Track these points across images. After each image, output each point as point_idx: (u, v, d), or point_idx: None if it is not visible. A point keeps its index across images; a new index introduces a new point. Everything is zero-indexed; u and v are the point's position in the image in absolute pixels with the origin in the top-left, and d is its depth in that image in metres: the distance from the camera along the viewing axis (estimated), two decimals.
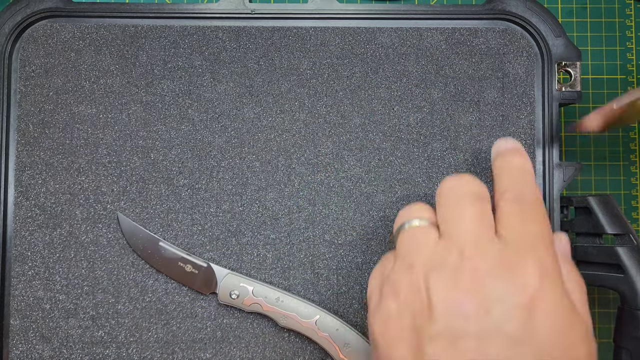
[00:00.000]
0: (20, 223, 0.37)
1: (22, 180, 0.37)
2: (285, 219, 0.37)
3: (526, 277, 0.26)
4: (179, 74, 0.38)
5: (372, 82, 0.38)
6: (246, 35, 0.38)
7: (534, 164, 0.37)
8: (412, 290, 0.27)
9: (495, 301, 0.25)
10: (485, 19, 0.38)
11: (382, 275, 0.30)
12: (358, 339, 0.36)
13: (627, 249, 0.34)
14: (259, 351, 0.37)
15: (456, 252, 0.27)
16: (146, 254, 0.37)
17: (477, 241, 0.27)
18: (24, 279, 0.37)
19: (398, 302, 0.27)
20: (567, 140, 0.43)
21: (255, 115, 0.38)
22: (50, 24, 0.38)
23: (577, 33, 0.44)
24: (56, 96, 0.38)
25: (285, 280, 0.37)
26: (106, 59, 0.38)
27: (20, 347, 0.37)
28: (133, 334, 0.37)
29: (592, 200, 0.35)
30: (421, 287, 0.27)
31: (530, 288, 0.25)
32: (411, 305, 0.27)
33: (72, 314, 0.37)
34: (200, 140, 0.38)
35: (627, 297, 0.33)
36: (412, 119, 0.38)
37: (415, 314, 0.26)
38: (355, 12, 0.38)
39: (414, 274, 0.27)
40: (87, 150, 0.38)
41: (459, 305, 0.25)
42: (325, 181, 0.38)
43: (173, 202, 0.37)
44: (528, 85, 0.38)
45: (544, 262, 0.26)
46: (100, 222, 0.37)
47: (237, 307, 0.36)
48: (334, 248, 0.37)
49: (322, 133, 0.38)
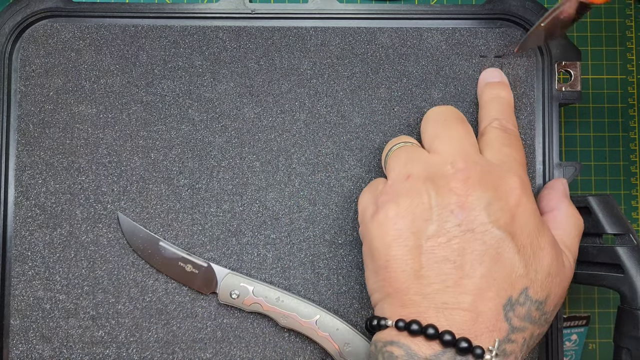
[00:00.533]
0: (20, 223, 0.37)
1: (22, 180, 0.37)
2: (285, 219, 0.37)
3: (509, 188, 0.30)
4: (179, 74, 0.38)
5: (373, 82, 0.38)
6: (246, 35, 0.38)
7: (534, 164, 0.37)
8: (411, 195, 0.30)
9: (484, 206, 0.29)
10: (485, 19, 0.38)
11: (376, 191, 0.32)
12: (358, 338, 0.36)
13: (627, 248, 0.34)
14: (259, 351, 0.37)
15: (449, 164, 0.30)
16: (146, 253, 0.37)
17: (466, 155, 0.31)
18: (24, 279, 0.37)
19: (398, 207, 0.30)
20: (567, 140, 0.43)
21: (256, 115, 0.38)
22: (50, 24, 0.38)
23: (577, 33, 0.44)
24: (56, 96, 0.38)
25: (285, 280, 0.37)
26: (106, 59, 0.38)
27: (20, 347, 0.36)
28: (133, 334, 0.37)
29: (592, 200, 0.35)
30: (421, 192, 0.30)
31: (513, 196, 0.30)
32: (411, 209, 0.30)
33: (72, 314, 0.37)
34: (201, 140, 0.38)
35: (627, 297, 0.33)
36: (413, 119, 0.38)
37: (414, 216, 0.29)
38: (356, 12, 0.38)
39: (413, 182, 0.30)
40: (87, 150, 0.38)
41: (454, 208, 0.29)
42: (325, 181, 0.38)
43: (173, 202, 0.37)
44: (528, 85, 0.38)
45: (523, 180, 0.31)
46: (101, 222, 0.37)
47: (237, 307, 0.36)
48: (335, 248, 0.37)
49: (322, 133, 0.38)
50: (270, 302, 0.36)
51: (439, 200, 0.29)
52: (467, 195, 0.29)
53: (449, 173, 0.30)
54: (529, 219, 0.30)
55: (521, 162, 0.32)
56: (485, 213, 0.29)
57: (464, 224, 0.29)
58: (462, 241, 0.29)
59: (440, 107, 0.35)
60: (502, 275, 0.28)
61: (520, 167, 0.32)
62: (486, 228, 0.29)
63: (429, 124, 0.34)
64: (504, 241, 0.29)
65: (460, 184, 0.29)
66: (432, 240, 0.29)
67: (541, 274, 0.29)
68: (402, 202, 0.30)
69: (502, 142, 0.33)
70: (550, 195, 0.35)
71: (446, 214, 0.29)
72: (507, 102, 0.36)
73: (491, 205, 0.29)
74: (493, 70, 0.37)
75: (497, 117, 0.34)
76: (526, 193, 0.30)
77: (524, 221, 0.30)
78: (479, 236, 0.29)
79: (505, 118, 0.34)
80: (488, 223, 0.29)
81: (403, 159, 0.32)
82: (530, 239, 0.30)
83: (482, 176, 0.30)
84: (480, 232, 0.29)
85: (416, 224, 0.29)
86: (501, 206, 0.29)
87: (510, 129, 0.34)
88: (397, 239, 0.29)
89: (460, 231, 0.29)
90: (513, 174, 0.31)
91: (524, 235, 0.29)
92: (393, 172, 0.32)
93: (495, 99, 0.36)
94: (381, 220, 0.30)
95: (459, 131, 0.32)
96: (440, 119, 0.34)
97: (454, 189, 0.29)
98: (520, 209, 0.30)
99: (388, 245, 0.30)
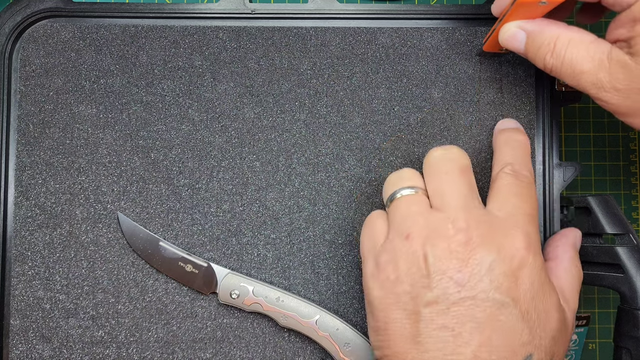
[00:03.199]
0: (20, 223, 0.37)
1: (22, 180, 0.37)
2: (285, 219, 0.37)
3: (514, 248, 0.29)
4: (179, 74, 0.38)
5: (373, 82, 0.38)
6: (246, 35, 0.38)
7: (534, 164, 0.37)
8: (410, 260, 0.29)
9: (486, 271, 0.28)
10: (486, 19, 0.38)
11: (375, 240, 0.32)
12: (358, 338, 0.36)
13: (627, 248, 0.34)
14: (259, 351, 0.37)
15: (450, 224, 0.29)
16: (146, 253, 0.37)
17: (469, 213, 0.30)
18: (24, 279, 0.37)
19: (397, 271, 0.29)
20: (567, 140, 0.43)
21: (256, 115, 0.38)
22: (50, 24, 0.38)
23: None
24: (56, 96, 0.38)
25: (285, 280, 0.37)
26: (106, 59, 0.38)
27: (20, 347, 0.37)
28: (133, 333, 0.37)
29: (592, 200, 0.35)
30: (419, 257, 0.29)
31: (516, 258, 0.28)
32: (409, 274, 0.29)
33: (72, 313, 0.37)
34: (201, 140, 0.38)
35: (627, 297, 0.33)
36: (412, 119, 0.38)
37: (413, 282, 0.29)
38: (355, 12, 0.38)
39: (412, 245, 0.29)
40: (87, 150, 0.38)
41: (454, 274, 0.28)
42: (325, 181, 0.38)
43: (173, 202, 0.37)
44: (528, 85, 0.38)
45: (530, 236, 0.29)
46: (101, 222, 0.37)
47: (237, 306, 0.36)
48: (335, 248, 0.37)
49: (322, 133, 0.38)
50: (270, 302, 0.36)
51: (438, 265, 0.28)
52: (468, 259, 0.28)
53: (450, 234, 0.29)
54: (534, 281, 0.29)
55: (530, 214, 0.31)
56: (487, 279, 0.28)
57: (464, 290, 0.28)
58: (462, 308, 0.28)
59: (440, 151, 0.33)
60: (504, 343, 0.27)
61: (528, 220, 0.30)
62: (487, 295, 0.28)
63: (430, 174, 0.32)
64: (507, 308, 0.28)
65: (461, 247, 0.28)
66: (430, 307, 0.28)
67: (546, 339, 0.28)
68: (401, 266, 0.29)
69: (511, 191, 0.31)
70: (559, 242, 0.34)
71: (445, 280, 0.28)
72: (522, 146, 0.34)
73: (493, 270, 0.28)
74: (508, 120, 0.37)
75: (510, 162, 0.32)
76: (532, 251, 0.29)
77: (529, 284, 0.28)
78: (479, 303, 0.28)
79: (519, 163, 0.32)
80: (490, 290, 0.28)
81: (404, 214, 0.31)
82: (535, 303, 0.28)
83: (485, 237, 0.29)
84: (482, 299, 0.28)
85: (415, 289, 0.29)
86: (504, 270, 0.28)
87: (523, 175, 0.32)
88: (396, 302, 0.29)
89: (460, 298, 0.28)
90: (519, 230, 0.29)
91: (528, 299, 0.28)
92: (393, 225, 0.31)
93: (509, 142, 0.34)
94: (382, 281, 0.30)
95: (461, 186, 0.31)
96: (442, 170, 0.32)
97: (455, 252, 0.28)
98: (524, 271, 0.28)
99: (387, 308, 0.29)
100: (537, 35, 0.31)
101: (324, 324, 0.35)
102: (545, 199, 0.37)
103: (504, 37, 0.33)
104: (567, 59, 0.30)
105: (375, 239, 0.32)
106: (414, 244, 0.29)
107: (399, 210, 0.31)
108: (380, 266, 0.30)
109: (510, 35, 0.32)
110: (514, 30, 0.32)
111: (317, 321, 0.35)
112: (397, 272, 0.29)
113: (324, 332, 0.35)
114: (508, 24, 0.32)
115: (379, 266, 0.30)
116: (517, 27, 0.32)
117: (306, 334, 0.36)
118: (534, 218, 0.31)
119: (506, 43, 0.33)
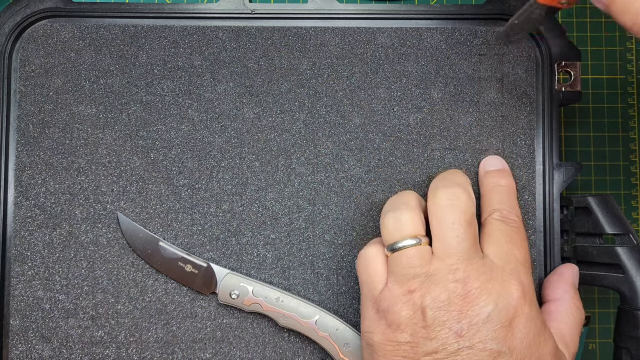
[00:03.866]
0: (20, 223, 0.37)
1: (22, 180, 0.37)
2: (285, 219, 0.37)
3: (511, 297, 0.30)
4: (179, 74, 0.38)
5: (372, 82, 0.38)
6: (246, 35, 0.38)
7: (534, 164, 0.37)
8: (410, 310, 0.30)
9: (484, 321, 0.29)
10: (485, 19, 0.38)
11: (374, 285, 0.32)
12: (358, 338, 0.36)
13: (627, 248, 0.34)
14: (259, 351, 0.37)
15: (451, 274, 0.30)
16: (146, 254, 0.37)
17: (469, 264, 0.30)
18: (23, 279, 0.37)
19: (398, 321, 0.30)
20: (567, 140, 0.43)
21: (255, 115, 0.38)
22: (50, 24, 0.38)
23: (577, 33, 0.44)
24: (56, 96, 0.38)
25: (285, 280, 0.37)
26: (106, 59, 0.38)
27: (20, 347, 0.36)
28: (133, 334, 0.37)
29: (592, 200, 0.35)
30: (419, 308, 0.30)
31: (512, 308, 0.30)
32: (410, 325, 0.30)
33: (72, 314, 0.37)
34: (200, 140, 0.38)
35: (627, 297, 0.33)
36: (412, 119, 0.38)
37: (413, 332, 0.30)
38: (355, 12, 0.38)
39: (412, 299, 0.30)
40: (87, 150, 0.38)
41: (453, 325, 0.29)
42: (325, 181, 0.38)
43: (173, 202, 0.37)
44: (528, 85, 0.38)
45: (524, 285, 0.31)
46: (100, 222, 0.37)
47: (237, 307, 0.36)
48: (334, 248, 0.37)
49: (322, 133, 0.38)
50: (270, 302, 0.36)
51: (438, 316, 0.29)
52: (467, 310, 0.29)
53: (450, 287, 0.30)
54: (530, 329, 0.30)
55: (523, 262, 0.32)
56: (485, 329, 0.29)
57: (463, 340, 0.29)
58: (459, 357, 0.29)
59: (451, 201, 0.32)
60: None
61: (522, 268, 0.31)
62: (485, 345, 0.29)
63: (436, 219, 0.32)
64: (503, 357, 0.29)
65: (460, 299, 0.29)
66: (430, 356, 0.29)
67: None
68: (402, 316, 0.30)
69: (504, 237, 0.32)
70: (557, 284, 0.35)
71: (445, 331, 0.29)
72: (507, 190, 0.35)
73: (491, 321, 0.29)
74: (492, 158, 0.37)
75: (498, 208, 0.34)
76: (527, 299, 0.30)
77: (525, 333, 0.30)
78: (477, 352, 0.29)
79: (507, 208, 0.34)
80: (487, 340, 0.29)
81: (405, 266, 0.31)
82: (531, 351, 0.29)
83: (483, 287, 0.30)
84: (479, 349, 0.29)
85: (415, 338, 0.30)
86: (501, 320, 0.29)
87: (511, 220, 0.33)
88: (396, 350, 0.30)
89: (458, 347, 0.29)
90: (514, 279, 0.30)
91: (524, 347, 0.29)
92: (394, 275, 0.31)
93: (495, 187, 0.35)
94: (382, 328, 0.31)
95: (465, 239, 0.31)
96: (449, 220, 0.31)
97: (454, 305, 0.29)
98: (520, 320, 0.30)
99: (387, 353, 0.30)
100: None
101: (324, 324, 0.35)
102: (545, 199, 0.37)
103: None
104: None
105: (374, 284, 0.32)
106: (415, 296, 0.30)
107: (400, 262, 0.31)
108: (380, 313, 0.31)
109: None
110: None
111: (316, 321, 0.35)
112: (397, 322, 0.30)
113: (323, 332, 0.35)
114: None
115: (379, 313, 0.31)
116: None
117: (306, 334, 0.36)
118: (528, 266, 0.32)
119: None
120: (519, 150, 0.38)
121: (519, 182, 0.37)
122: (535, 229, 0.37)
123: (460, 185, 0.32)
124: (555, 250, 0.37)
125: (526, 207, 0.37)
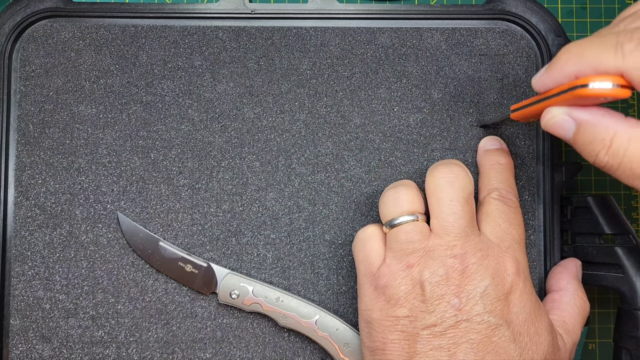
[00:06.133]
0: (20, 223, 0.37)
1: (22, 180, 0.37)
2: (285, 219, 0.37)
3: (506, 273, 0.31)
4: (179, 74, 0.38)
5: (372, 83, 0.38)
6: (246, 35, 0.38)
7: (533, 165, 0.37)
8: (409, 285, 0.30)
9: (481, 295, 0.30)
10: (485, 19, 0.38)
11: (372, 262, 0.32)
12: (358, 338, 0.36)
13: (627, 248, 0.34)
14: (259, 351, 0.37)
15: (449, 250, 0.31)
16: (146, 253, 0.37)
17: (466, 240, 0.31)
18: (24, 279, 0.37)
19: (396, 296, 0.31)
20: None
21: (255, 115, 0.38)
22: (50, 24, 0.38)
23: (577, 33, 0.44)
24: (56, 96, 0.38)
25: (285, 280, 0.37)
26: (106, 59, 0.38)
27: (20, 347, 0.37)
28: (133, 334, 0.37)
29: (592, 200, 0.35)
30: (418, 283, 0.30)
31: (507, 283, 0.31)
32: (408, 299, 0.30)
33: (72, 313, 0.37)
34: (200, 140, 0.38)
35: (627, 297, 0.33)
36: (412, 119, 0.38)
37: (412, 306, 0.30)
38: (355, 12, 0.38)
39: (411, 274, 0.31)
40: (87, 150, 0.38)
41: (451, 299, 0.30)
42: (325, 181, 0.38)
43: (173, 202, 0.37)
44: (528, 86, 0.38)
45: (519, 262, 0.32)
46: (100, 222, 0.37)
47: (237, 307, 0.36)
48: (334, 248, 0.37)
49: (322, 133, 0.38)
50: (270, 302, 0.36)
51: (436, 291, 0.30)
52: (465, 285, 0.30)
53: (448, 262, 0.30)
54: (525, 304, 0.31)
55: (519, 241, 0.32)
56: (482, 303, 0.30)
57: (460, 314, 0.29)
58: (457, 330, 0.29)
59: (449, 178, 0.32)
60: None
61: (518, 246, 0.32)
62: (482, 318, 0.29)
63: (434, 197, 0.32)
64: (500, 329, 0.29)
65: (458, 274, 0.30)
66: (428, 329, 0.30)
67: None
68: (400, 291, 0.30)
69: (501, 216, 0.33)
70: (561, 275, 0.35)
71: (443, 304, 0.30)
72: (507, 169, 0.35)
73: (488, 295, 0.30)
74: (492, 139, 0.37)
75: (497, 187, 0.34)
76: (522, 276, 0.31)
77: (520, 307, 0.30)
78: (474, 325, 0.29)
79: (505, 187, 0.34)
80: (484, 313, 0.29)
81: (404, 242, 0.31)
82: (527, 326, 0.30)
83: (480, 263, 0.30)
84: (477, 322, 0.29)
85: (414, 312, 0.30)
86: (497, 294, 0.30)
87: (510, 200, 0.33)
88: (395, 325, 0.30)
89: (456, 321, 0.29)
90: (510, 256, 0.31)
91: (520, 322, 0.30)
92: (392, 251, 0.32)
93: (494, 166, 0.35)
94: (381, 305, 0.31)
95: (463, 216, 0.31)
96: (447, 197, 0.32)
97: (452, 279, 0.30)
98: (516, 295, 0.31)
99: (386, 329, 0.31)
100: (590, 128, 0.26)
101: (324, 324, 0.35)
102: (545, 199, 0.37)
103: (548, 123, 0.28)
104: (627, 160, 0.25)
105: (372, 262, 0.32)
106: (413, 271, 0.31)
107: (398, 238, 0.31)
108: (379, 290, 0.31)
109: (555, 123, 0.28)
110: (562, 118, 0.27)
111: (316, 321, 0.35)
112: (397, 296, 0.30)
113: (323, 332, 0.35)
114: (554, 109, 0.28)
115: (377, 290, 0.31)
116: (565, 114, 0.27)
117: (306, 334, 0.36)
118: (522, 244, 0.33)
119: (550, 129, 0.28)
120: (519, 150, 0.38)
121: (519, 182, 0.37)
122: (535, 229, 0.37)
123: (458, 164, 0.33)
124: (555, 250, 0.37)
125: (526, 207, 0.37)
